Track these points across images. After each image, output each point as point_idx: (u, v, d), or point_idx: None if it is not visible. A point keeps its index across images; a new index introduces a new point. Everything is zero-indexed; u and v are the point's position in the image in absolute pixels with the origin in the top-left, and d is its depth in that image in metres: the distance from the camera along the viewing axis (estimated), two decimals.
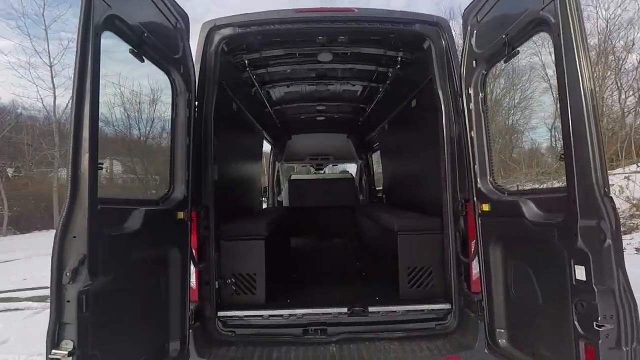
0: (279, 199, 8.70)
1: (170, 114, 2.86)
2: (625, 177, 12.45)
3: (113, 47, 2.39)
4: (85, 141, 1.81)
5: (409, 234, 3.44)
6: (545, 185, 21.32)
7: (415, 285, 3.37)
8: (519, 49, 2.48)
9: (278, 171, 8.74)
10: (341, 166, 10.94)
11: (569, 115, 1.95)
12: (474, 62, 2.84)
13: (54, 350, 1.68)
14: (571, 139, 1.93)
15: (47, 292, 1.82)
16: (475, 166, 2.82)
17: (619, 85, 16.56)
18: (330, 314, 3.12)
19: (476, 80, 2.86)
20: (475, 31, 2.86)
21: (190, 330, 2.78)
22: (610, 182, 1.94)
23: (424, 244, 3.38)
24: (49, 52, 19.20)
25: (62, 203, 1.84)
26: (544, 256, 2.22)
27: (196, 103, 3.00)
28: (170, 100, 2.89)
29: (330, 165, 9.99)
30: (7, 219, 17.32)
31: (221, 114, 3.54)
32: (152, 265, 2.43)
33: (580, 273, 1.93)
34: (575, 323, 1.97)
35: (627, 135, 15.05)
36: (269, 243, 3.57)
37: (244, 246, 3.38)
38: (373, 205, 7.48)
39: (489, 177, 2.79)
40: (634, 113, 15.89)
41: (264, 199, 8.71)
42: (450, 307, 3.11)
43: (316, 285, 4.07)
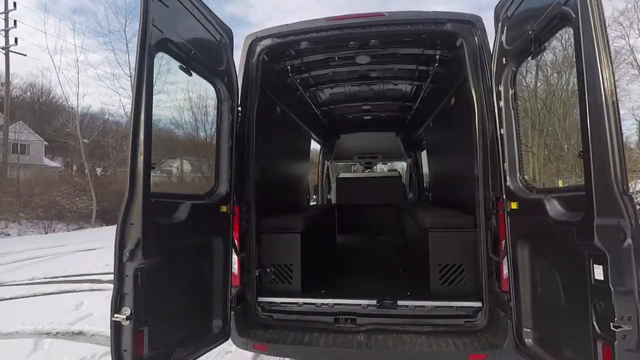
0: (328, 196, 8.97)
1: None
2: None
3: None
4: (140, 145, 2.18)
5: (439, 231, 3.47)
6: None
7: (446, 282, 3.40)
8: (545, 45, 2.44)
9: (327, 170, 9.01)
10: (395, 165, 10.92)
11: (587, 111, 1.92)
12: (504, 59, 2.81)
13: (116, 315, 2.08)
14: (589, 135, 1.90)
15: None
16: (505, 164, 2.80)
17: None
18: (359, 305, 3.29)
19: (506, 77, 2.83)
20: (505, 27, 2.84)
21: (232, 312, 3.12)
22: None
23: (456, 242, 3.39)
24: (129, 64, 21.40)
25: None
26: (566, 255, 2.19)
27: (239, 109, 3.34)
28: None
29: (380, 164, 10.04)
30: (96, 213, 19.73)
31: (265, 117, 3.86)
32: (198, 251, 2.79)
33: (598, 273, 1.90)
34: (594, 323, 1.93)
35: None
36: (306, 237, 3.81)
37: (281, 238, 3.66)
38: (415, 203, 7.43)
39: (518, 175, 2.76)
40: None
41: (314, 196, 9.05)
42: (480, 306, 3.10)
43: (351, 278, 4.24)
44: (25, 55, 26.44)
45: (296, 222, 3.72)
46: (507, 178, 2.78)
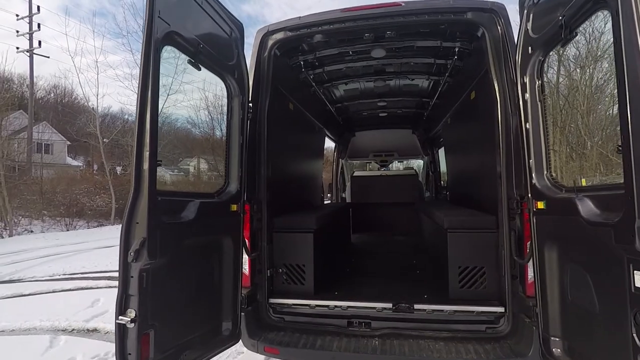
0: (343, 195, 8.83)
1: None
2: None
3: None
4: (146, 143, 2.11)
5: (459, 232, 3.30)
6: None
7: (466, 286, 3.23)
8: (577, 30, 2.25)
9: (342, 168, 8.87)
10: (412, 162, 10.70)
11: (628, 102, 1.73)
12: (530, 49, 2.63)
13: (120, 317, 2.01)
14: (629, 127, 1.72)
15: None
16: (530, 161, 2.62)
17: None
18: (374, 308, 3.16)
19: (532, 68, 2.64)
20: (531, 14, 2.65)
21: (243, 314, 3.04)
22: None
23: (476, 243, 3.21)
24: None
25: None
26: (602, 260, 2.00)
27: (250, 105, 3.25)
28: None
29: (396, 162, 9.84)
30: (115, 211, 20.12)
31: (277, 114, 3.76)
32: (207, 251, 2.71)
33: (639, 280, 1.72)
34: (634, 336, 1.75)
35: None
36: (319, 236, 3.70)
37: (293, 238, 3.55)
38: (432, 202, 7.22)
39: (545, 173, 2.57)
40: None
41: (329, 194, 8.93)
42: (503, 311, 2.93)
43: (365, 280, 4.10)
44: (49, 57, 27.14)
45: (309, 221, 3.61)
46: (533, 175, 2.60)
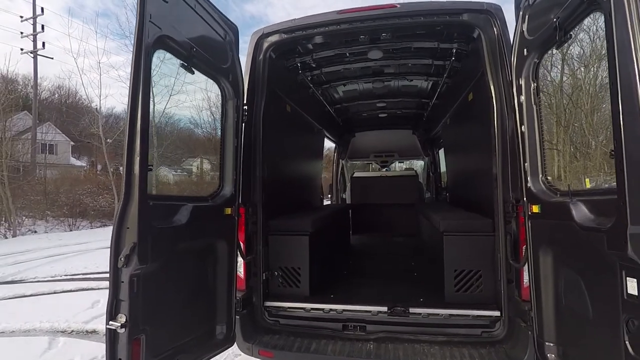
0: (343, 196, 8.81)
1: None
2: None
3: None
4: (137, 148, 2.10)
5: (455, 235, 3.27)
6: None
7: (462, 289, 3.20)
8: (571, 32, 2.23)
9: (342, 169, 8.85)
10: (414, 163, 10.66)
11: (620, 106, 1.71)
12: (525, 50, 2.60)
13: (110, 322, 2.01)
14: (622, 132, 1.70)
15: None
16: (526, 164, 2.59)
17: None
18: (369, 312, 3.14)
19: (528, 70, 2.62)
20: (527, 16, 2.63)
21: (238, 317, 3.04)
22: None
23: (473, 246, 3.19)
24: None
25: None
26: (595, 265, 1.98)
27: (245, 107, 3.24)
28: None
29: (397, 162, 9.81)
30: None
31: (274, 116, 3.75)
32: (200, 255, 2.71)
33: (632, 287, 1.69)
34: (627, 343, 1.73)
35: None
36: (315, 239, 3.68)
37: (289, 241, 3.54)
38: (431, 204, 7.19)
39: (540, 176, 2.55)
40: None
41: (329, 195, 8.91)
42: (499, 315, 2.91)
43: (362, 282, 4.09)
44: (52, 58, 27.31)
45: (304, 224, 3.60)
46: (528, 179, 2.57)
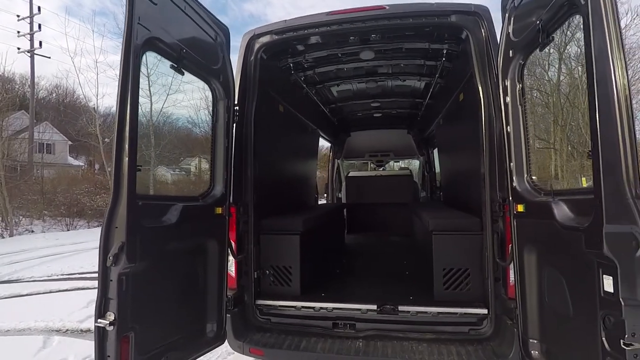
0: (338, 195, 8.85)
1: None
2: None
3: None
4: (125, 149, 2.13)
5: (444, 234, 3.31)
6: None
7: (451, 288, 3.24)
8: (553, 35, 2.26)
9: (338, 168, 8.88)
10: (411, 163, 10.69)
11: (597, 107, 1.75)
12: (511, 52, 2.64)
13: (99, 319, 2.04)
14: (598, 134, 1.74)
15: None
16: (512, 164, 2.63)
17: None
18: (359, 310, 3.18)
19: (513, 72, 2.66)
20: (512, 17, 2.66)
21: (229, 315, 3.07)
22: None
23: (461, 245, 3.23)
24: (147, 64, 21.72)
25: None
26: (575, 263, 2.02)
27: (237, 108, 3.27)
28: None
29: (392, 162, 9.85)
30: None
31: (266, 116, 3.78)
32: (191, 254, 2.74)
33: (608, 284, 1.74)
34: (603, 339, 1.77)
35: None
36: (306, 238, 3.72)
37: (280, 240, 3.57)
38: (424, 203, 7.23)
39: (525, 176, 2.59)
40: None
41: (325, 195, 8.95)
42: (486, 313, 2.95)
43: (354, 281, 4.13)
44: (49, 57, 27.27)
45: (295, 223, 3.63)
46: (514, 178, 2.61)
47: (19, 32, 26.18)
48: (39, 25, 26.48)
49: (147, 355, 2.30)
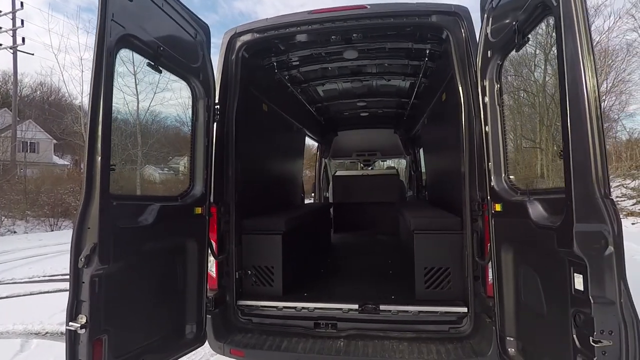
0: (326, 194, 8.85)
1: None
2: None
3: None
4: (98, 147, 2.09)
5: (425, 233, 3.33)
6: (636, 182, 18.70)
7: (432, 286, 3.26)
8: (529, 36, 2.29)
9: (325, 167, 8.88)
10: (401, 162, 10.72)
11: (568, 108, 1.77)
12: (489, 52, 2.66)
13: (70, 322, 2.00)
14: (569, 135, 1.76)
15: None
16: (490, 163, 2.65)
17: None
18: (341, 309, 3.18)
19: (492, 72, 2.68)
20: (490, 18, 2.68)
21: (209, 316, 3.03)
22: None
23: (442, 244, 3.25)
24: (133, 61, 21.43)
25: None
26: (548, 262, 2.05)
27: (217, 107, 3.23)
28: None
29: (379, 161, 9.88)
30: None
31: (249, 115, 3.75)
32: (169, 255, 2.69)
33: (578, 282, 1.76)
34: (574, 337, 1.80)
35: None
36: (289, 238, 3.70)
37: (262, 240, 3.55)
38: (409, 202, 7.28)
39: (503, 176, 2.61)
40: None
41: (312, 194, 8.94)
42: (466, 311, 2.97)
43: (337, 280, 4.13)
44: (33, 54, 26.72)
45: (278, 223, 3.61)
46: (492, 178, 2.64)
47: (0, 28, 25.55)
48: (22, 21, 25.89)
49: (122, 358, 2.26)
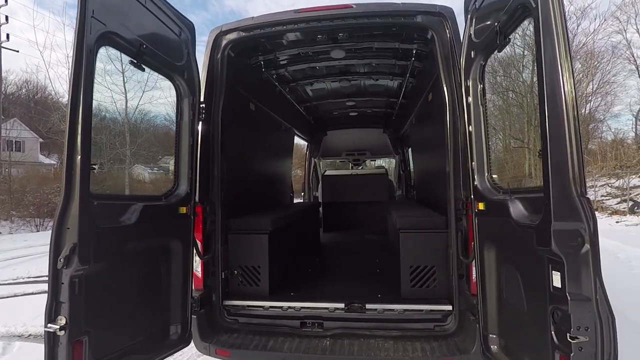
0: (315, 194, 8.84)
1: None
2: None
3: None
4: (78, 146, 2.05)
5: (410, 232, 3.36)
6: (621, 181, 19.09)
7: (417, 285, 3.29)
8: (510, 37, 2.32)
9: (315, 167, 8.87)
10: (391, 162, 10.76)
11: (546, 108, 1.80)
12: (472, 53, 2.69)
13: (49, 324, 1.96)
14: (547, 135, 1.79)
15: None
16: (473, 163, 2.68)
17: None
18: (327, 308, 3.18)
19: (475, 72, 2.71)
20: (474, 19, 2.71)
21: (194, 316, 3.01)
22: None
23: (427, 243, 3.28)
24: (121, 60, 21.13)
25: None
26: (528, 260, 2.08)
27: (203, 105, 3.20)
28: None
29: (368, 161, 9.91)
30: None
31: (235, 114, 3.73)
32: (152, 255, 2.67)
33: (556, 279, 1.79)
34: (552, 333, 1.83)
35: None
36: (276, 237, 3.69)
37: (248, 240, 3.53)
38: (397, 202, 7.32)
39: (486, 175, 2.64)
40: None
41: (302, 194, 8.92)
42: (451, 309, 3.00)
43: (325, 280, 4.13)
44: (18, 51, 26.16)
45: (264, 223, 3.60)
46: (475, 177, 2.67)
47: None
48: (6, 17, 25.36)
49: (104, 359, 2.23)
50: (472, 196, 2.68)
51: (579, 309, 1.69)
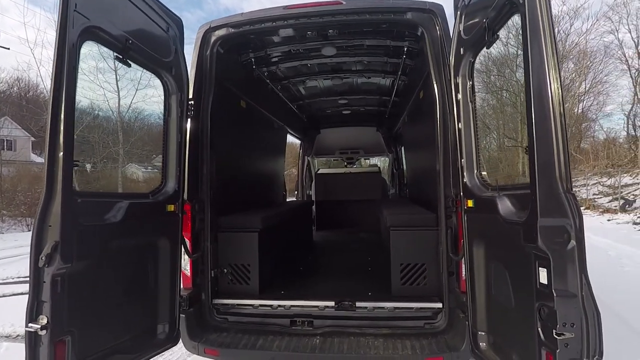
0: (309, 192, 8.82)
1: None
2: None
3: None
4: (60, 143, 2.01)
5: (401, 230, 3.35)
6: (613, 180, 19.27)
7: (408, 283, 3.28)
8: (498, 33, 2.31)
9: (308, 165, 8.84)
10: (385, 160, 10.75)
11: (532, 106, 1.79)
12: (462, 50, 2.68)
13: (30, 324, 1.92)
14: (534, 131, 1.78)
15: None
16: (462, 160, 2.68)
17: None
18: (317, 307, 3.16)
19: (464, 69, 2.70)
20: (463, 15, 2.70)
21: (183, 315, 2.98)
22: None
23: (417, 241, 3.27)
24: (113, 57, 20.90)
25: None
26: (516, 257, 2.07)
27: (191, 103, 3.17)
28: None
29: (362, 159, 9.91)
30: None
31: (225, 111, 3.69)
32: (138, 253, 2.63)
33: (543, 276, 1.79)
34: (539, 330, 1.82)
35: None
36: (266, 235, 3.67)
37: (238, 238, 3.50)
38: (390, 200, 7.32)
39: (475, 172, 2.64)
40: None
41: (295, 192, 8.90)
42: (441, 307, 3.00)
43: (316, 278, 4.12)
44: (9, 49, 25.74)
45: (254, 221, 3.57)
46: (465, 174, 2.66)
47: None
48: None
49: (88, 359, 2.20)
50: (462, 193, 2.68)
51: (564, 305, 1.68)
